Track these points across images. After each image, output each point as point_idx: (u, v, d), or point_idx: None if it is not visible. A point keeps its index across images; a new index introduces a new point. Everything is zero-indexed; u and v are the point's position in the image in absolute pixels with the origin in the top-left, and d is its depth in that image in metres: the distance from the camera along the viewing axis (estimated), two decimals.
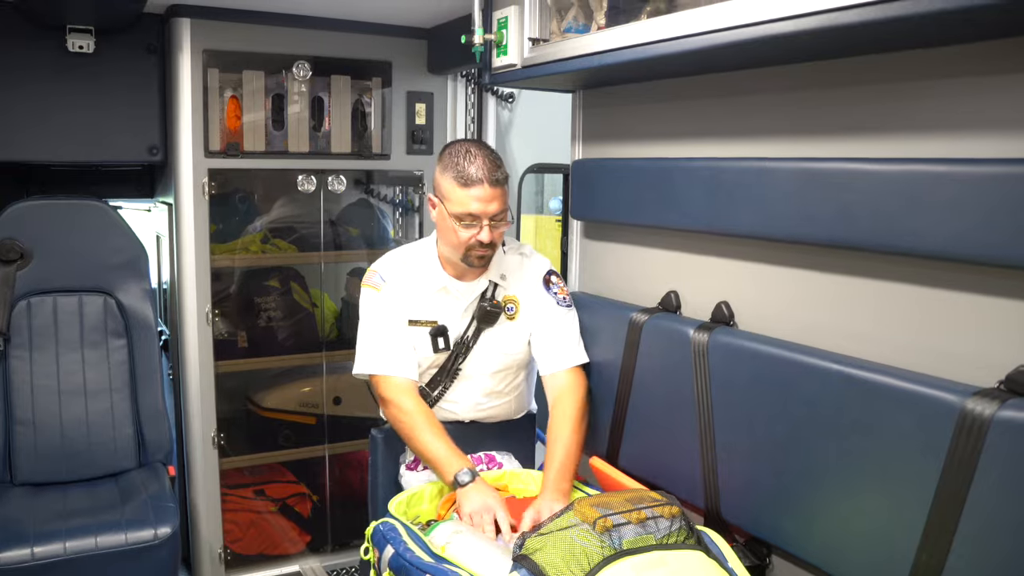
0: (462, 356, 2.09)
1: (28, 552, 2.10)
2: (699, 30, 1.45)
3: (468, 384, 2.13)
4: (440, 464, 1.92)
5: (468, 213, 1.93)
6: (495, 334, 2.10)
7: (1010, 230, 1.18)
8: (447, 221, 1.97)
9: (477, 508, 1.81)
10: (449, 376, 2.11)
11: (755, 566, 1.64)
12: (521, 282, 2.13)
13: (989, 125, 1.27)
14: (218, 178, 2.85)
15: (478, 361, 2.10)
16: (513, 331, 2.11)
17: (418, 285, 2.09)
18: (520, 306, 2.12)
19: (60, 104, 2.74)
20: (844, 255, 1.50)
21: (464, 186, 1.92)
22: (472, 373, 2.11)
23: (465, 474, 1.87)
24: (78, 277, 2.66)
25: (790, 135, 1.62)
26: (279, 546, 3.15)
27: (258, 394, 3.16)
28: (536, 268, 2.15)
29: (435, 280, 2.09)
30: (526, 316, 2.12)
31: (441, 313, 2.09)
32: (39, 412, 2.55)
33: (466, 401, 2.14)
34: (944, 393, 1.26)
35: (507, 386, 2.17)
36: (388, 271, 2.11)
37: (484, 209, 1.93)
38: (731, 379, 1.66)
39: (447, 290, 2.08)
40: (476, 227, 1.94)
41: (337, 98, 3.01)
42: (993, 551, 1.19)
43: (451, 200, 1.95)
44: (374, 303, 2.09)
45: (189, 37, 2.73)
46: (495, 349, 2.11)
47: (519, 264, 2.14)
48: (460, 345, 2.09)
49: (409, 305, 2.08)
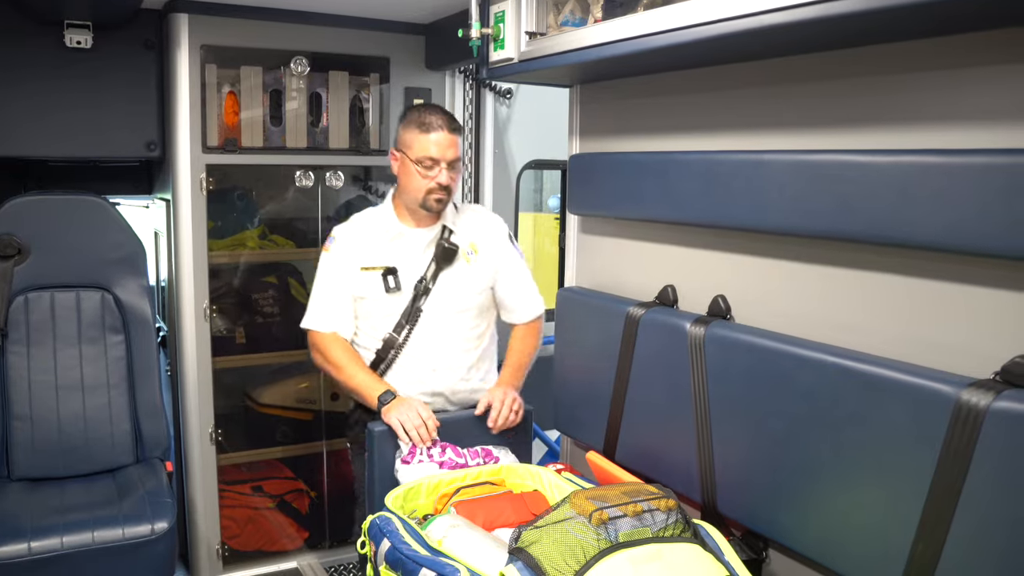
0: (423, 296, 2.24)
1: (25, 547, 2.10)
2: (695, 22, 1.46)
3: (431, 328, 2.24)
4: (364, 391, 2.17)
5: (428, 156, 2.16)
6: (453, 275, 2.26)
7: (1003, 220, 1.18)
8: (409, 168, 2.19)
9: (402, 414, 2.05)
10: (411, 319, 2.23)
11: (752, 559, 1.64)
12: (478, 232, 2.32)
13: (980, 116, 1.27)
14: (216, 174, 2.85)
15: (439, 301, 2.25)
16: (472, 273, 2.28)
17: (372, 236, 2.28)
18: (479, 252, 2.31)
19: (58, 100, 2.73)
20: (839, 247, 1.50)
21: (425, 132, 2.17)
22: (434, 314, 2.24)
23: (387, 395, 2.13)
24: (76, 273, 2.66)
25: (786, 128, 1.62)
26: (277, 542, 3.15)
27: (256, 390, 3.16)
28: (496, 223, 2.39)
29: (390, 229, 2.27)
30: (485, 262, 2.30)
31: (397, 258, 2.26)
32: (36, 407, 2.55)
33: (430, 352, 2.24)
34: (940, 384, 1.26)
35: (470, 336, 2.28)
36: (342, 231, 2.32)
37: (443, 153, 2.17)
38: (728, 372, 1.66)
39: (402, 235, 2.27)
40: (435, 170, 2.16)
41: (335, 94, 3.01)
42: (988, 541, 1.19)
43: (413, 148, 2.18)
44: (323, 264, 2.31)
45: (187, 33, 2.72)
46: (454, 289, 2.26)
47: (474, 218, 2.36)
48: (419, 286, 2.24)
49: (362, 254, 2.26)
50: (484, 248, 2.31)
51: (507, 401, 2.18)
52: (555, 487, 1.94)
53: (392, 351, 2.25)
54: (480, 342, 2.33)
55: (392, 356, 2.26)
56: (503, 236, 2.36)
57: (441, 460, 2.06)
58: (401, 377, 2.26)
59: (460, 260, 2.27)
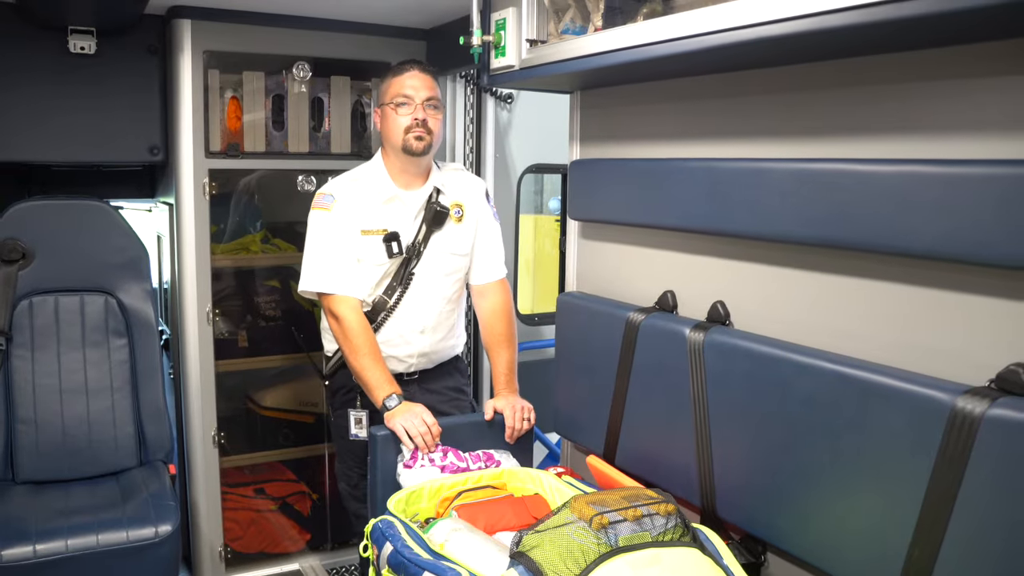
0: (415, 259, 2.29)
1: (31, 549, 2.11)
2: (694, 32, 1.47)
3: (421, 291, 2.29)
4: (373, 388, 2.19)
5: (402, 93, 2.24)
6: (443, 237, 2.32)
7: (999, 230, 1.20)
8: (387, 113, 2.26)
9: (407, 420, 2.08)
10: (403, 282, 2.28)
11: (750, 563, 1.66)
12: (463, 190, 2.38)
13: (979, 127, 1.29)
14: (218, 178, 2.86)
15: (429, 264, 2.29)
16: (460, 233, 2.36)
17: (368, 198, 2.29)
18: (466, 210, 2.38)
19: (62, 105, 2.75)
20: (838, 255, 1.51)
21: (397, 75, 2.27)
22: (424, 277, 2.29)
23: (392, 399, 2.16)
24: (79, 277, 2.67)
25: (785, 136, 1.64)
26: (279, 544, 3.16)
27: (258, 393, 3.17)
28: (476, 182, 2.45)
29: (384, 191, 2.30)
30: (469, 223, 2.37)
31: (392, 221, 2.29)
32: (41, 411, 2.57)
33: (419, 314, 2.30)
34: (936, 391, 1.27)
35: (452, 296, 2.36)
36: (339, 190, 2.30)
37: (416, 92, 2.24)
38: (726, 378, 1.67)
39: (396, 198, 2.29)
40: (410, 107, 2.23)
41: (337, 98, 3.02)
42: (983, 546, 1.21)
43: (389, 93, 2.27)
44: (323, 222, 2.28)
45: (190, 38, 2.74)
46: (444, 250, 2.32)
47: (458, 177, 2.41)
48: (412, 249, 2.29)
49: (361, 216, 2.27)
50: (469, 208, 2.38)
51: (518, 412, 2.23)
52: (556, 491, 1.95)
53: (383, 313, 2.30)
54: (459, 302, 2.44)
55: (382, 319, 2.30)
56: (482, 195, 2.42)
57: (443, 464, 2.08)
58: (388, 339, 2.31)
59: (449, 221, 2.33)
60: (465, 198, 2.38)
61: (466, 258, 2.38)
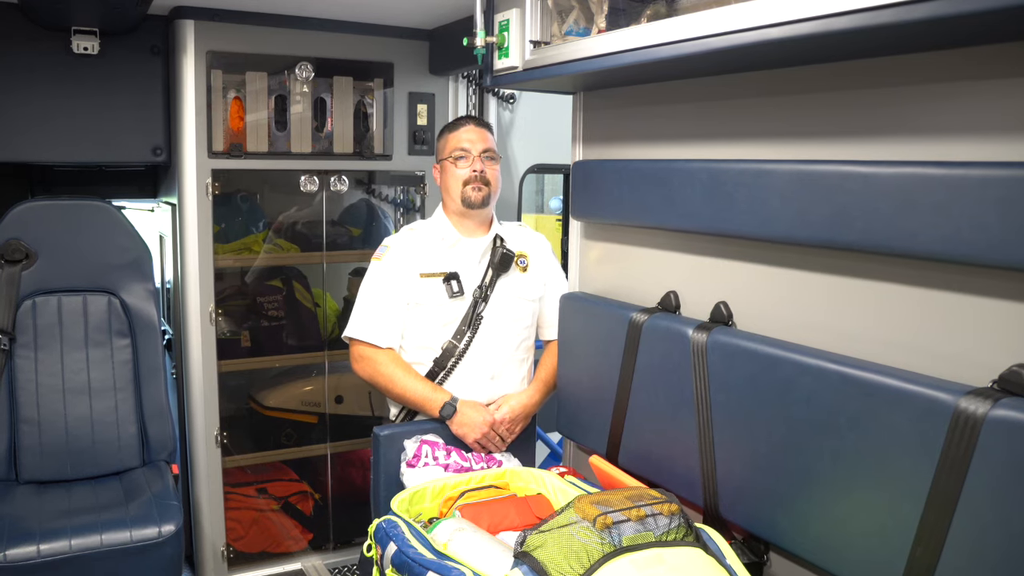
0: (483, 302, 2.26)
1: (35, 549, 2.12)
2: (698, 34, 1.47)
3: (490, 335, 2.26)
4: (424, 402, 2.19)
5: (459, 147, 2.26)
6: (510, 282, 2.31)
7: (1000, 231, 1.20)
8: (446, 167, 2.29)
9: (477, 432, 2.13)
10: (472, 326, 2.24)
11: (753, 563, 1.66)
12: (527, 242, 2.39)
13: (981, 128, 1.29)
14: (221, 178, 2.87)
15: (498, 308, 2.27)
16: (527, 281, 2.35)
17: (429, 243, 2.30)
18: (531, 261, 2.37)
19: (65, 105, 2.76)
20: (839, 256, 1.52)
21: (454, 130, 2.31)
22: (493, 321, 2.26)
23: (448, 407, 2.16)
24: (83, 277, 2.68)
25: (788, 137, 1.64)
26: (281, 544, 3.17)
27: (260, 393, 3.18)
28: (541, 237, 2.45)
29: (448, 236, 2.30)
30: (536, 273, 2.37)
31: (455, 264, 2.28)
32: (44, 411, 2.57)
33: (490, 360, 2.26)
34: (938, 392, 1.28)
35: (523, 345, 2.33)
36: (396, 239, 2.32)
37: (473, 144, 2.27)
38: (729, 378, 1.68)
39: (459, 242, 2.30)
40: (468, 159, 2.25)
41: (339, 99, 3.03)
42: (986, 547, 1.21)
43: (446, 149, 2.30)
44: (373, 273, 2.29)
45: (193, 38, 2.75)
46: (512, 295, 2.31)
47: (521, 231, 2.43)
48: (479, 292, 2.26)
49: (420, 260, 2.26)
50: (534, 259, 2.38)
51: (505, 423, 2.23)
52: (558, 490, 1.96)
53: (452, 359, 2.25)
54: (529, 353, 2.39)
55: (452, 364, 2.25)
56: (549, 251, 2.43)
57: (446, 463, 2.09)
58: (459, 386, 2.25)
59: (515, 268, 2.32)
60: (530, 250, 2.38)
61: (535, 304, 2.36)
